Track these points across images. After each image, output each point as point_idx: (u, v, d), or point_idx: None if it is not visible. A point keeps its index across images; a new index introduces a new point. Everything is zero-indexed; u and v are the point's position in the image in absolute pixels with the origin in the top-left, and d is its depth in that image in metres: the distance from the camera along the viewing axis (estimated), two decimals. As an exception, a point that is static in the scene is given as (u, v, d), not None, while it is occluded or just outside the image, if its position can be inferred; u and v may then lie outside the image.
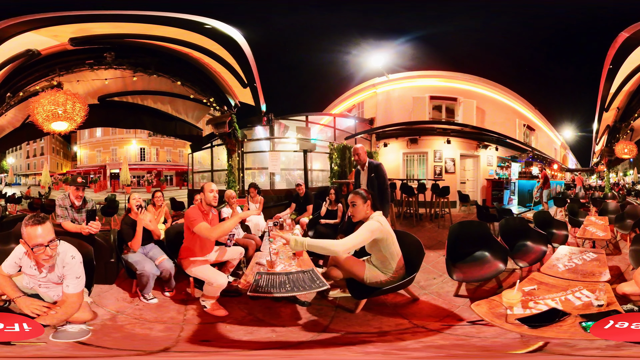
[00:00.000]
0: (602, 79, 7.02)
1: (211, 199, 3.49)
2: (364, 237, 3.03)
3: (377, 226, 3.08)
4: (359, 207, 3.18)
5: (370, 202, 3.22)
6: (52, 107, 5.25)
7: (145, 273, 3.45)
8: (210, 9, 5.56)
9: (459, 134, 9.23)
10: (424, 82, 9.63)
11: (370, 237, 3.06)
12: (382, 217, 3.21)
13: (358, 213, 3.20)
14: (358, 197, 3.20)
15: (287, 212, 6.57)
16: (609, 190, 8.91)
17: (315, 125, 9.70)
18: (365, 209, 3.18)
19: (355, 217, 3.22)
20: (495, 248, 3.73)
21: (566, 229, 5.18)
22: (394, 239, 3.23)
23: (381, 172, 4.50)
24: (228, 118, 7.03)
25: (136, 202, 3.83)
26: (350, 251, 3.20)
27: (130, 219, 3.82)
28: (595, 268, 3.12)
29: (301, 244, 2.85)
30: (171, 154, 12.78)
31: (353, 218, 3.26)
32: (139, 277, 3.49)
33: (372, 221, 3.12)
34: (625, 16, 5.74)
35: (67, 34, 5.49)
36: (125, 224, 3.81)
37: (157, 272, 3.55)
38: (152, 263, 3.59)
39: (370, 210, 3.21)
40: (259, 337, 2.81)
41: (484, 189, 9.48)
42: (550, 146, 11.73)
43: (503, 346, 2.39)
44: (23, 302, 2.40)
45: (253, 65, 6.40)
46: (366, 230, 3.05)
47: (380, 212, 3.25)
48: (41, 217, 2.30)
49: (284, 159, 9.14)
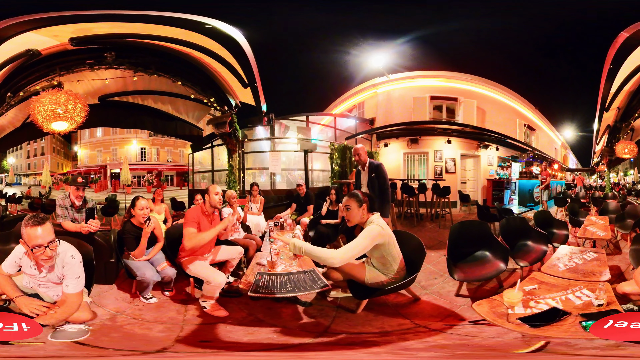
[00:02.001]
0: (602, 79, 7.02)
1: (216, 202, 3.50)
2: (364, 244, 2.93)
3: (378, 231, 2.99)
4: (353, 211, 3.08)
5: (367, 206, 3.10)
6: (53, 107, 5.25)
7: (145, 280, 3.43)
8: (211, 8, 5.57)
9: (459, 134, 9.23)
10: (425, 82, 9.63)
11: (372, 244, 2.97)
12: (381, 219, 3.11)
13: (353, 217, 3.09)
14: (353, 200, 3.08)
15: (288, 212, 6.57)
16: (610, 190, 8.90)
17: (315, 126, 9.70)
18: (360, 213, 3.07)
19: (350, 222, 3.13)
20: (496, 248, 3.73)
21: (567, 229, 5.18)
22: (394, 241, 3.17)
23: (382, 172, 4.50)
24: (229, 118, 7.03)
25: (143, 215, 3.62)
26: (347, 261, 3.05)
27: (133, 227, 3.66)
28: (595, 268, 3.11)
29: (299, 249, 2.82)
30: (172, 154, 12.79)
31: (348, 222, 3.16)
32: (139, 282, 3.48)
33: (373, 226, 3.01)
34: (625, 16, 5.74)
35: (67, 34, 5.49)
36: (129, 234, 3.64)
37: (158, 278, 3.52)
38: (152, 269, 3.54)
39: (366, 213, 3.10)
40: (259, 338, 2.80)
41: (484, 188, 9.47)
42: (550, 146, 11.73)
43: (505, 346, 2.39)
44: (23, 301, 2.40)
45: (254, 65, 6.39)
46: (366, 237, 2.95)
47: (378, 214, 3.16)
48: (41, 218, 2.29)
49: (284, 159, 9.14)
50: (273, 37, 7.05)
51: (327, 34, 7.93)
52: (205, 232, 3.38)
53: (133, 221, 3.69)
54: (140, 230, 3.61)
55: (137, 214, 3.65)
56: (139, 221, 3.64)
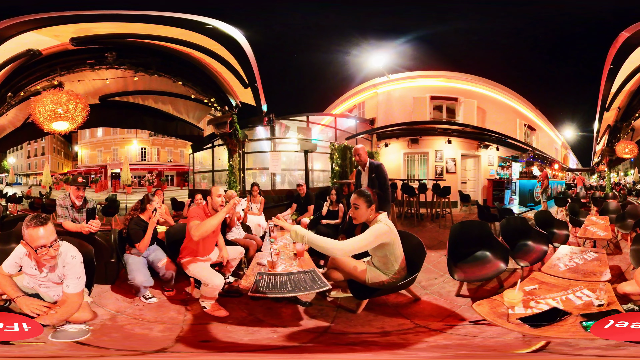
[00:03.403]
0: (602, 79, 7.02)
1: (218, 204, 3.50)
2: (369, 241, 2.90)
3: (385, 230, 2.96)
4: (361, 211, 3.04)
5: (376, 206, 3.06)
6: (54, 106, 5.26)
7: (135, 284, 3.48)
8: (212, 9, 5.57)
9: (459, 134, 9.22)
10: (425, 82, 9.61)
11: (376, 242, 2.94)
12: (388, 220, 3.09)
13: (360, 216, 3.06)
14: (362, 200, 3.04)
15: (288, 213, 6.57)
16: (610, 190, 8.90)
17: (316, 126, 9.68)
18: (368, 213, 3.04)
19: (357, 220, 3.10)
20: (496, 248, 3.73)
21: (567, 229, 5.18)
22: (399, 241, 3.15)
23: (382, 173, 4.50)
24: (229, 118, 7.04)
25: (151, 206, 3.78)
26: (350, 254, 3.08)
27: (142, 221, 3.75)
28: (596, 268, 3.11)
29: (301, 237, 2.74)
30: (172, 154, 12.77)
31: (354, 220, 3.12)
32: (130, 284, 3.53)
33: (381, 224, 2.98)
34: (625, 16, 5.74)
35: (68, 34, 5.50)
36: (137, 225, 3.72)
37: (150, 283, 3.54)
38: (146, 273, 3.55)
39: (374, 213, 3.07)
40: (259, 338, 2.80)
41: (484, 188, 9.46)
42: (551, 146, 11.71)
43: (506, 346, 2.39)
44: (23, 301, 2.40)
45: (254, 65, 6.40)
46: (373, 234, 2.91)
47: (385, 213, 3.13)
48: (43, 219, 2.29)
49: (284, 159, 9.13)
50: (273, 37, 7.05)
51: (327, 34, 7.93)
52: (211, 218, 3.28)
53: (142, 216, 3.78)
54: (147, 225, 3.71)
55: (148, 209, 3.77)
56: (149, 216, 3.74)
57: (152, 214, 3.73)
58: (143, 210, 3.79)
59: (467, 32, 7.99)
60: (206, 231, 3.23)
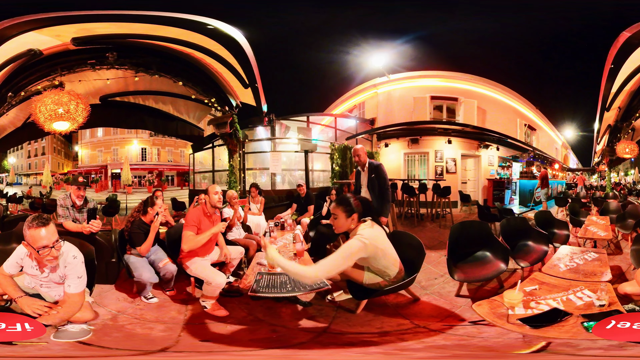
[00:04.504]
0: (603, 79, 7.02)
1: (216, 201, 3.53)
2: (338, 263, 2.68)
3: (358, 246, 2.74)
4: (340, 221, 2.90)
5: (358, 215, 2.91)
6: (55, 106, 5.27)
7: (142, 281, 3.45)
8: (212, 9, 5.58)
9: (460, 134, 9.22)
10: (425, 82, 9.61)
11: (349, 260, 2.73)
12: (367, 230, 2.86)
13: (339, 227, 2.93)
14: (340, 209, 2.89)
15: (288, 213, 6.58)
16: (610, 190, 8.90)
17: (316, 126, 9.69)
18: (348, 223, 2.90)
19: (337, 230, 2.97)
20: (496, 248, 3.72)
21: (567, 229, 5.17)
22: (385, 251, 2.98)
23: (381, 173, 4.50)
24: (229, 118, 7.05)
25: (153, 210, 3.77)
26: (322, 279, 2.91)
27: (143, 224, 3.74)
28: (596, 268, 3.11)
29: (273, 261, 2.63)
30: (172, 154, 12.77)
31: (335, 230, 2.98)
32: (136, 283, 3.51)
33: (354, 241, 2.77)
34: (626, 15, 5.74)
35: (69, 34, 5.51)
36: (139, 229, 3.71)
37: (155, 279, 3.53)
38: (150, 270, 3.54)
39: (356, 223, 2.91)
40: (259, 338, 2.81)
41: (485, 189, 9.46)
42: (551, 146, 11.71)
43: (505, 346, 2.39)
44: (24, 302, 2.41)
45: (254, 65, 6.41)
46: (343, 255, 2.70)
47: (369, 221, 2.95)
48: (44, 219, 2.30)
49: (285, 160, 9.13)
50: (273, 37, 7.06)
51: (328, 34, 7.93)
52: (201, 235, 3.40)
53: (143, 218, 3.77)
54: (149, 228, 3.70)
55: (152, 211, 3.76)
56: (150, 219, 3.73)
57: (155, 217, 3.71)
58: (145, 213, 3.78)
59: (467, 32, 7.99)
60: (195, 246, 3.37)
